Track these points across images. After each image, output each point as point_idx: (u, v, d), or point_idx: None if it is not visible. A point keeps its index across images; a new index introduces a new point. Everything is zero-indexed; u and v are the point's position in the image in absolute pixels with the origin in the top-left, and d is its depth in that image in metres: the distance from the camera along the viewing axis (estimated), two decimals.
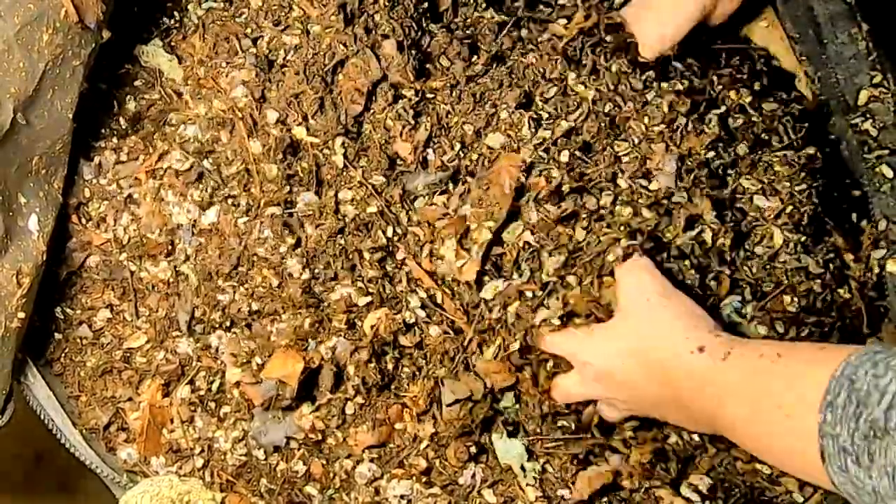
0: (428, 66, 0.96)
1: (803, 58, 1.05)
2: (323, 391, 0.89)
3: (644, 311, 0.85)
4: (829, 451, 0.67)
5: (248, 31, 0.97)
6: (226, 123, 0.93)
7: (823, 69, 1.04)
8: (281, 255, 0.90)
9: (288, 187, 0.91)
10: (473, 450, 0.89)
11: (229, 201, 0.92)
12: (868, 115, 1.02)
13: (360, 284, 0.90)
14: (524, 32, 1.01)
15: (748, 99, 1.01)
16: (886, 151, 1.01)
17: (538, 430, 0.90)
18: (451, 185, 0.93)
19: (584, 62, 0.98)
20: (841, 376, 0.68)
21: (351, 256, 0.91)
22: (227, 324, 0.91)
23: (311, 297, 0.90)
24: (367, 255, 0.90)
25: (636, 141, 0.95)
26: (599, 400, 0.89)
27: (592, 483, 0.88)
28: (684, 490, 0.90)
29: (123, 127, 0.96)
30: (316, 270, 0.90)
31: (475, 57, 0.98)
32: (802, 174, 0.98)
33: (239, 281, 0.92)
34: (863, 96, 1.02)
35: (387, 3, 0.95)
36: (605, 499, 0.89)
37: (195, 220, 0.93)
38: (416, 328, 0.90)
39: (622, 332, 0.86)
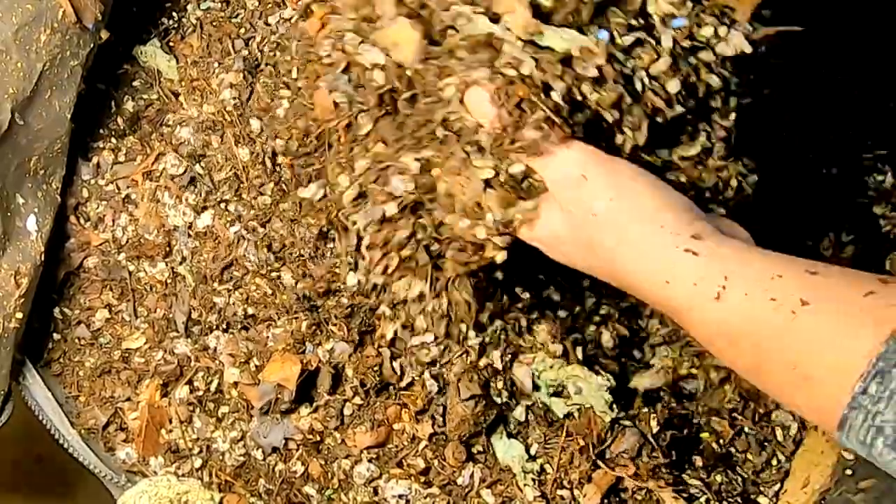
0: None
1: None
2: (321, 393, 0.89)
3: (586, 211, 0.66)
4: (853, 424, 0.54)
5: (242, 31, 0.96)
6: (216, 127, 0.93)
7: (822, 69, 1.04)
8: (270, 266, 0.90)
9: (276, 199, 0.91)
10: (479, 448, 0.89)
11: (222, 206, 0.92)
12: (867, 115, 1.02)
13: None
14: None
15: None
16: (885, 152, 1.02)
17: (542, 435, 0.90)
18: None
19: None
20: None
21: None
22: (224, 326, 0.91)
23: (307, 302, 0.90)
24: None
25: None
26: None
27: (601, 487, 0.88)
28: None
29: (122, 127, 0.96)
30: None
31: None
32: None
33: (234, 285, 0.92)
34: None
35: None
36: (606, 501, 0.89)
37: (190, 223, 0.93)
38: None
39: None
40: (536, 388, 0.90)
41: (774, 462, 0.95)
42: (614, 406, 0.88)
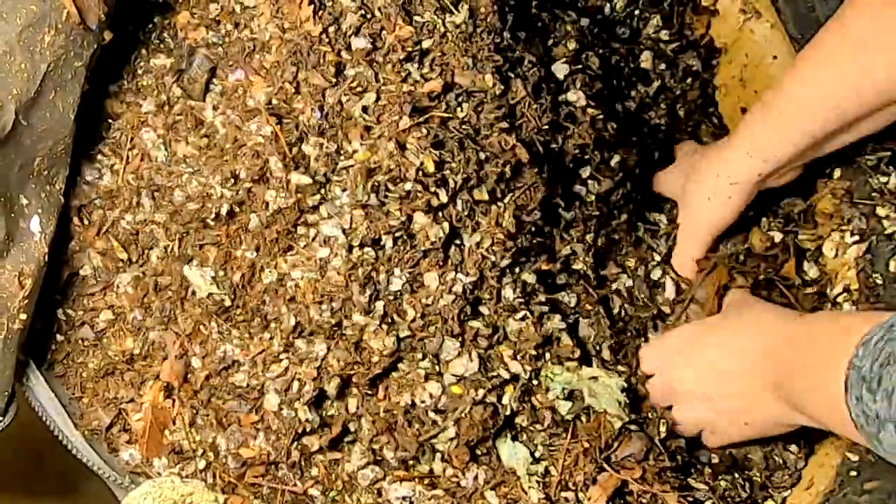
0: None
1: None
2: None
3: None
4: (851, 381, 0.72)
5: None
6: None
7: None
8: None
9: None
10: (483, 450, 0.89)
11: None
12: None
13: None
14: None
15: None
16: (888, 153, 1.02)
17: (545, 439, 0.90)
18: None
19: None
20: (885, 323, 0.72)
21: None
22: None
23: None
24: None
25: None
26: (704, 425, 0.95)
27: (606, 489, 0.88)
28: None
29: None
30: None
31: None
32: None
33: None
34: None
35: None
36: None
37: None
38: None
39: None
40: (548, 390, 0.90)
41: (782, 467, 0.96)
42: (626, 408, 0.88)
